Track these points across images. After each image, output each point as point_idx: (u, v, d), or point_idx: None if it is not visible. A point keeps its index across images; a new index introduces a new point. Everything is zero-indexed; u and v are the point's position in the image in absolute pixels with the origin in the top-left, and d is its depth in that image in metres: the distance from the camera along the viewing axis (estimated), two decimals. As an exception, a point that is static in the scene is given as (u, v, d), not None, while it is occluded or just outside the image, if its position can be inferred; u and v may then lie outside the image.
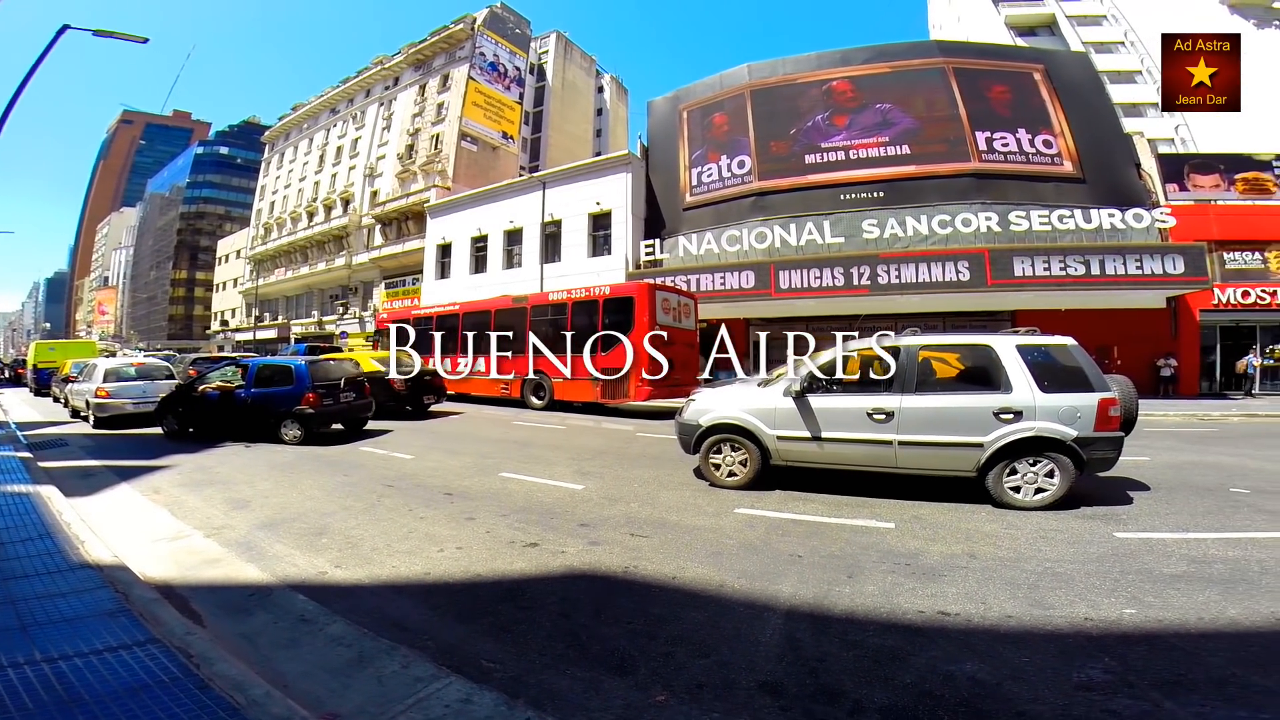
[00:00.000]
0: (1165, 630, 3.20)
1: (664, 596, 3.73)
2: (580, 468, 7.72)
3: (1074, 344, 5.73)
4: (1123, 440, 5.61)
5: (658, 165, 25.65)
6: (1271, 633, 3.15)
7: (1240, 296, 20.06)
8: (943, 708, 2.52)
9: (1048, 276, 17.22)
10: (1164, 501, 5.88)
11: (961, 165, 20.64)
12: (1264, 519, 5.23)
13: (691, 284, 19.92)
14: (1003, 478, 5.54)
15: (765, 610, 3.49)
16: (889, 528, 5.05)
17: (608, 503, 5.97)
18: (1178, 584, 3.78)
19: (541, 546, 4.65)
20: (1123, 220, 18.31)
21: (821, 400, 6.04)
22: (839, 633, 3.21)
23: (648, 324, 13.33)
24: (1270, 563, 4.10)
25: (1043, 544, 4.61)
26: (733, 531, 4.98)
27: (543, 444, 9.80)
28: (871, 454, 5.87)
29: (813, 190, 21.91)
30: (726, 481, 6.43)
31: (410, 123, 40.55)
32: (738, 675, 2.81)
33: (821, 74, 23.16)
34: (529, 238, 27.50)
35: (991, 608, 3.48)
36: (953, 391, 5.82)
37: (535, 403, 15.31)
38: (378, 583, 4.00)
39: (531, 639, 3.19)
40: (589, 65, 54.85)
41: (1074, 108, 21.16)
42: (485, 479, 7.08)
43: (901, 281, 18.19)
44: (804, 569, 4.12)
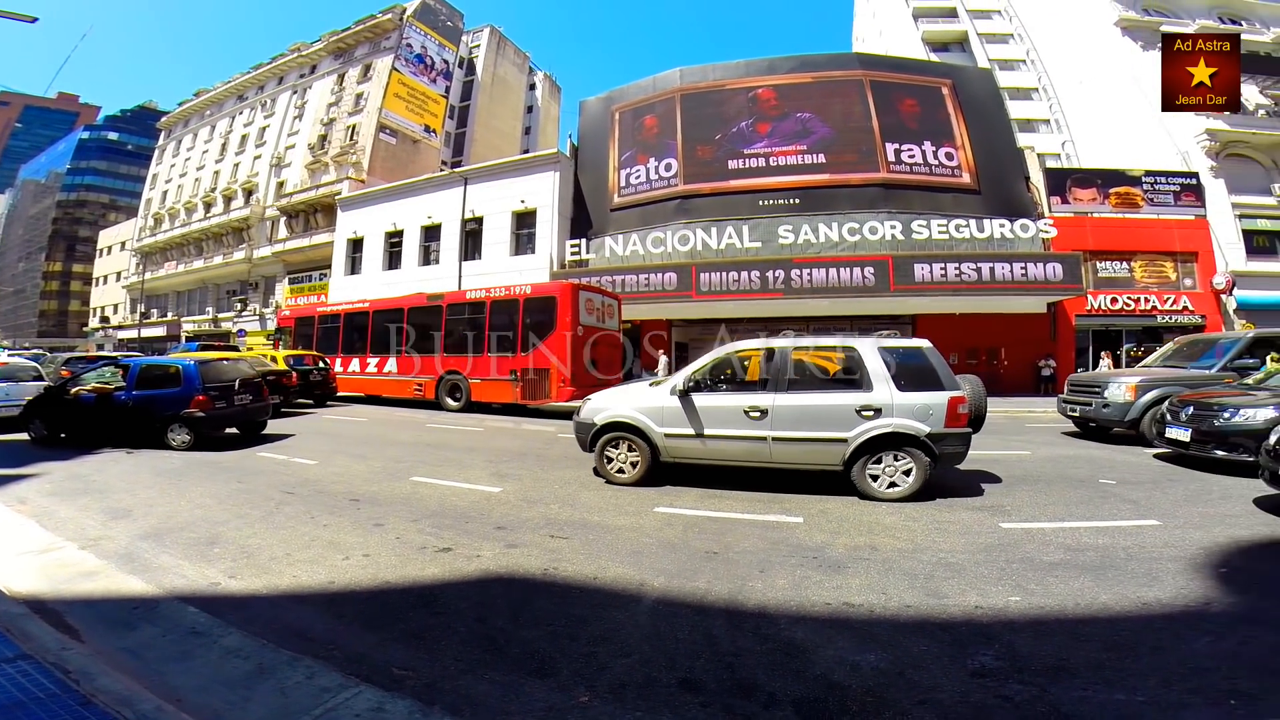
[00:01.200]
0: (1047, 616, 3.42)
1: (585, 597, 3.70)
2: (498, 470, 7.55)
3: (929, 346, 6.19)
4: (970, 436, 6.06)
5: (587, 165, 25.55)
6: (1138, 616, 3.41)
7: (1110, 303, 22.01)
8: (850, 698, 2.60)
9: (944, 282, 18.35)
10: (1043, 493, 6.34)
11: (871, 175, 21.66)
12: (1128, 508, 5.71)
13: (617, 284, 19.95)
14: (865, 471, 5.90)
15: (684, 607, 3.53)
16: (798, 522, 5.22)
17: (526, 505, 5.86)
18: (1056, 571, 4.05)
19: (455, 551, 4.51)
20: (1011, 230, 19.84)
21: (704, 399, 6.31)
22: (752, 627, 3.28)
23: (570, 324, 13.22)
24: (1134, 549, 4.48)
25: (937, 535, 4.88)
26: (652, 530, 5.01)
27: (458, 446, 9.53)
28: (749, 450, 6.17)
29: (734, 195, 22.42)
30: (619, 478, 6.59)
31: (325, 112, 38.68)
32: (659, 673, 2.82)
33: (749, 81, 23.77)
34: (448, 234, 26.70)
35: (892, 598, 3.63)
36: (821, 390, 6.17)
37: (451, 404, 14.89)
38: (277, 593, 3.78)
39: (446, 645, 3.10)
40: (522, 62, 54.03)
41: (975, 122, 22.63)
42: (395, 484, 6.80)
43: (813, 285, 18.89)
44: (720, 565, 4.19)
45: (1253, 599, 3.64)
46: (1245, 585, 3.85)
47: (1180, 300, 21.95)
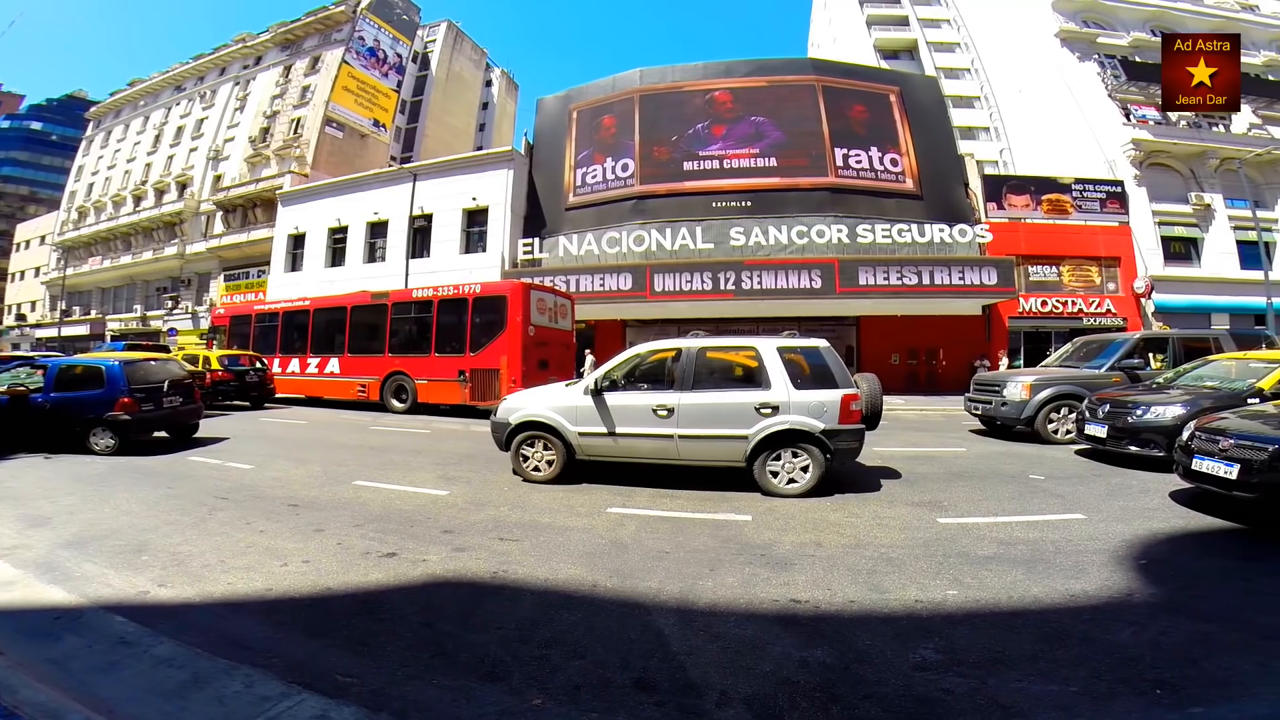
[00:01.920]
0: (982, 610, 3.54)
1: (536, 599, 3.67)
2: (445, 473, 7.41)
3: (825, 346, 6.43)
4: (863, 432, 6.33)
5: (542, 164, 25.35)
6: (1068, 608, 3.56)
7: (1040, 305, 23.16)
8: (800, 694, 2.64)
9: (887, 285, 18.94)
10: (977, 489, 6.60)
11: (820, 180, 22.19)
12: (1056, 502, 6.00)
13: (571, 284, 19.85)
14: (766, 467, 6.09)
15: (637, 608, 3.53)
16: (747, 520, 5.30)
17: (475, 508, 5.77)
18: (990, 565, 4.21)
19: (400, 556, 4.40)
20: (950, 235, 20.61)
21: (616, 398, 6.44)
22: (703, 626, 3.30)
23: (521, 324, 13.07)
24: (1062, 542, 4.69)
25: (878, 531, 5.02)
26: (605, 531, 5.01)
27: (404, 449, 9.31)
28: (658, 447, 6.34)
29: (689, 196, 22.63)
30: (535, 476, 6.69)
31: (269, 104, 37.28)
32: (613, 674, 2.81)
33: (707, 83, 24.02)
34: (395, 231, 26.06)
35: (837, 594, 3.71)
36: (724, 389, 6.35)
37: (397, 406, 14.53)
38: (211, 601, 3.65)
39: (392, 651, 3.03)
40: (479, 58, 53.22)
41: (920, 129, 23.42)
42: (337, 488, 6.60)
43: (763, 287, 19.21)
44: (671, 565, 4.21)
45: (1171, 589, 3.83)
46: (1163, 576, 4.05)
47: (1104, 303, 23.23)
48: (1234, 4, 30.62)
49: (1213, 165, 25.71)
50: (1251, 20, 29.95)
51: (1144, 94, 26.37)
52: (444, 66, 48.30)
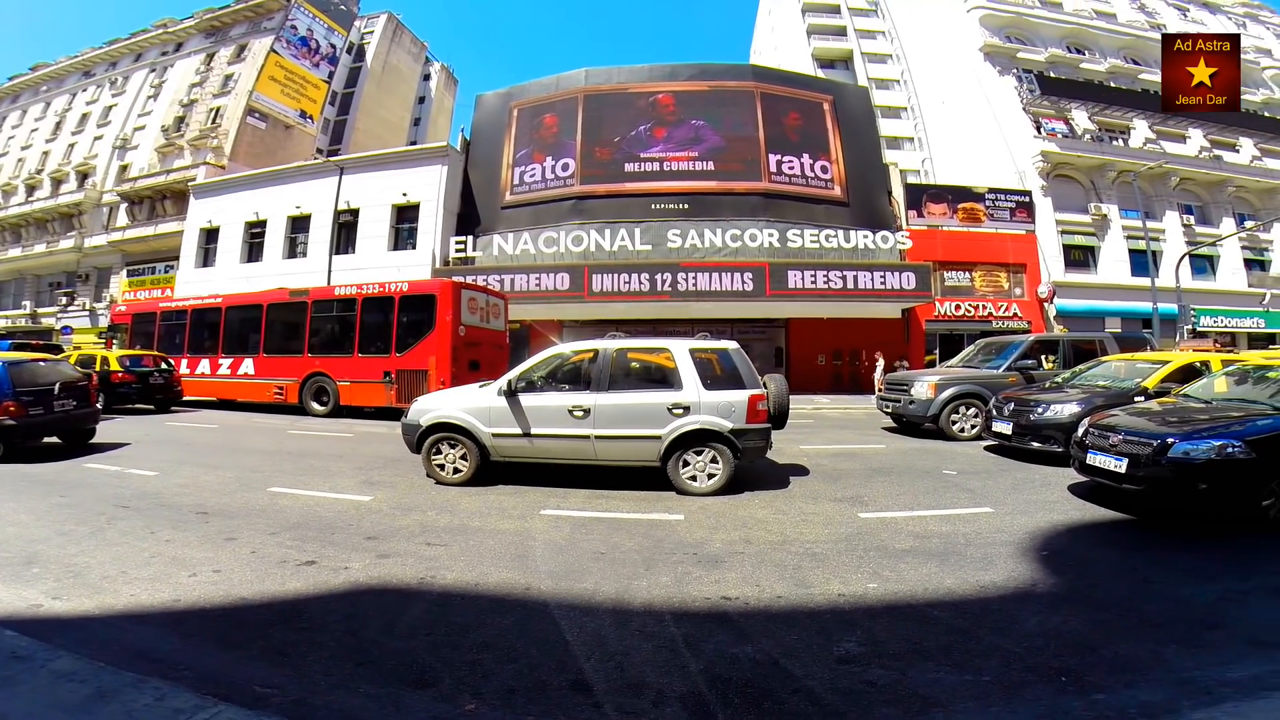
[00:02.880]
0: (901, 602, 3.67)
1: (467, 604, 3.60)
2: (368, 478, 7.15)
3: (735, 347, 6.64)
4: (770, 431, 6.52)
5: (479, 161, 24.84)
6: (978, 599, 3.75)
7: (954, 309, 24.42)
8: (732, 690, 2.69)
9: (814, 288, 19.66)
10: (895, 484, 6.92)
11: (754, 185, 22.70)
12: (967, 496, 6.34)
13: (505, 284, 19.57)
14: (679, 466, 6.24)
15: (572, 609, 3.52)
16: (680, 519, 5.37)
17: (400, 513, 5.60)
18: (907, 558, 4.40)
19: (320, 564, 4.23)
20: (873, 241, 21.52)
21: (531, 399, 6.46)
22: (639, 625, 3.32)
23: (451, 323, 12.75)
24: (972, 535, 4.96)
25: (804, 526, 5.19)
26: (539, 533, 4.96)
27: (324, 454, 8.93)
28: (574, 448, 6.39)
29: (629, 198, 22.67)
30: (449, 478, 6.61)
31: (186, 93, 35.14)
32: (549, 676, 2.80)
33: (651, 86, 24.12)
34: (318, 226, 24.94)
35: (765, 590, 3.80)
36: (639, 389, 6.48)
37: (317, 409, 13.89)
38: (112, 613, 3.43)
39: (314, 660, 2.92)
40: (418, 51, 51.66)
41: (849, 137, 24.27)
42: (250, 495, 6.27)
43: (698, 289, 19.56)
44: (607, 565, 4.22)
45: (1069, 579, 4.09)
46: (1062, 567, 4.31)
47: (1012, 307, 24.72)
48: (1144, 23, 33.20)
49: (1110, 178, 27.87)
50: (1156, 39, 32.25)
51: (1055, 108, 28.35)
52: (380, 59, 46.72)
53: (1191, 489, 5.02)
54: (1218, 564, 4.36)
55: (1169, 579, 4.07)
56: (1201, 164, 29.07)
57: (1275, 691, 2.64)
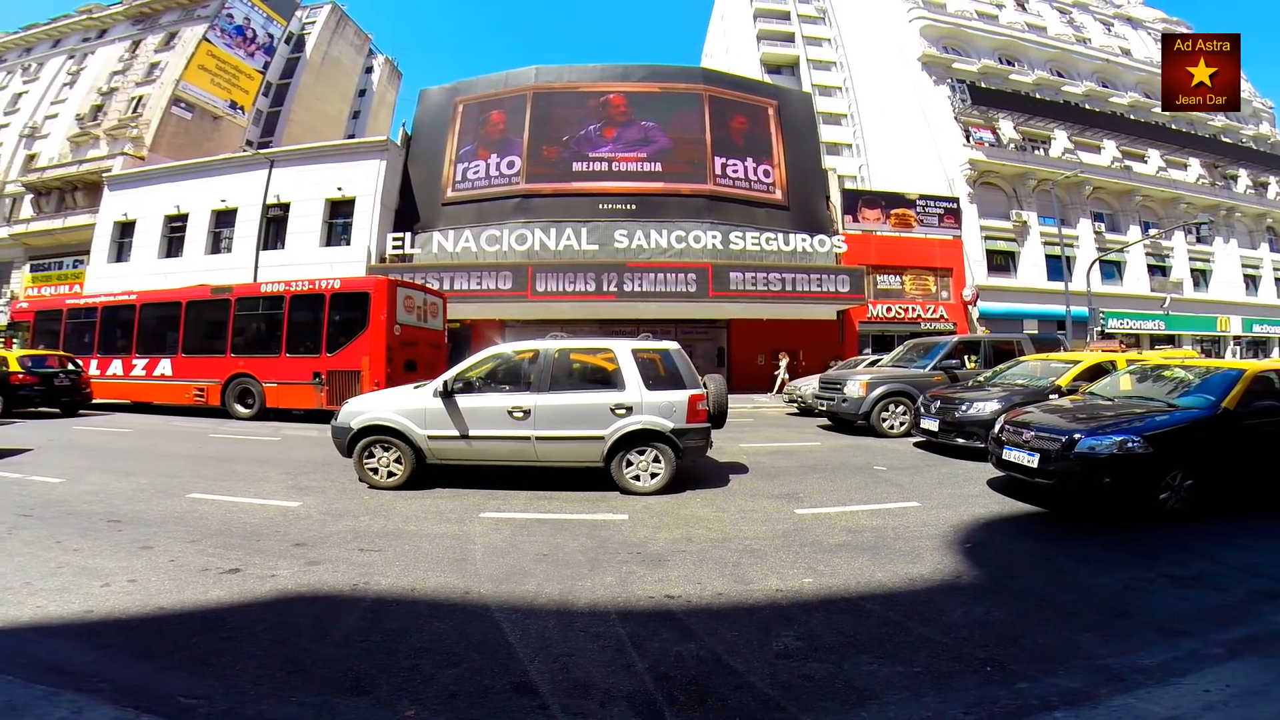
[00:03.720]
0: (835, 595, 3.78)
1: (403, 610, 3.53)
2: (297, 483, 6.87)
3: (675, 348, 6.74)
4: (709, 430, 6.62)
5: (420, 156, 24.21)
6: (908, 591, 3.90)
7: (885, 311, 25.32)
8: (677, 687, 2.72)
9: (755, 290, 20.11)
10: (829, 480, 7.16)
11: (699, 187, 22.97)
12: (896, 491, 6.62)
13: (445, 282, 19.14)
14: (623, 466, 6.29)
15: (515, 611, 3.49)
16: (624, 519, 5.40)
17: (331, 519, 5.41)
18: (840, 553, 4.55)
19: (245, 572, 4.07)
20: (811, 245, 22.15)
21: (469, 400, 6.35)
22: (584, 626, 3.32)
23: (386, 322, 12.36)
24: (901, 529, 5.17)
25: (743, 524, 5.31)
26: (478, 536, 4.89)
27: (249, 458, 8.53)
28: (515, 449, 6.33)
29: (575, 197, 22.55)
30: (384, 482, 6.44)
31: (107, 81, 33.05)
32: (492, 680, 2.76)
33: (602, 86, 24.04)
34: (245, 220, 23.75)
35: (707, 587, 3.87)
36: (581, 390, 6.49)
37: (241, 411, 13.22)
38: (17, 626, 3.23)
39: (242, 669, 2.82)
40: (362, 43, 49.78)
41: (791, 142, 24.84)
42: (168, 501, 5.94)
43: (643, 290, 19.65)
44: (550, 566, 4.21)
45: (991, 571, 4.29)
46: (985, 559, 4.52)
47: (939, 309, 25.85)
48: (1071, 37, 35.12)
49: (1031, 186, 29.48)
50: (1081, 52, 34.55)
51: (983, 117, 29.72)
52: (321, 50, 44.82)
53: (1097, 482, 5.34)
54: (1124, 554, 4.62)
55: (1081, 569, 4.31)
56: (1113, 174, 31.09)
57: (1183, 678, 2.81)
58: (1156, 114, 33.68)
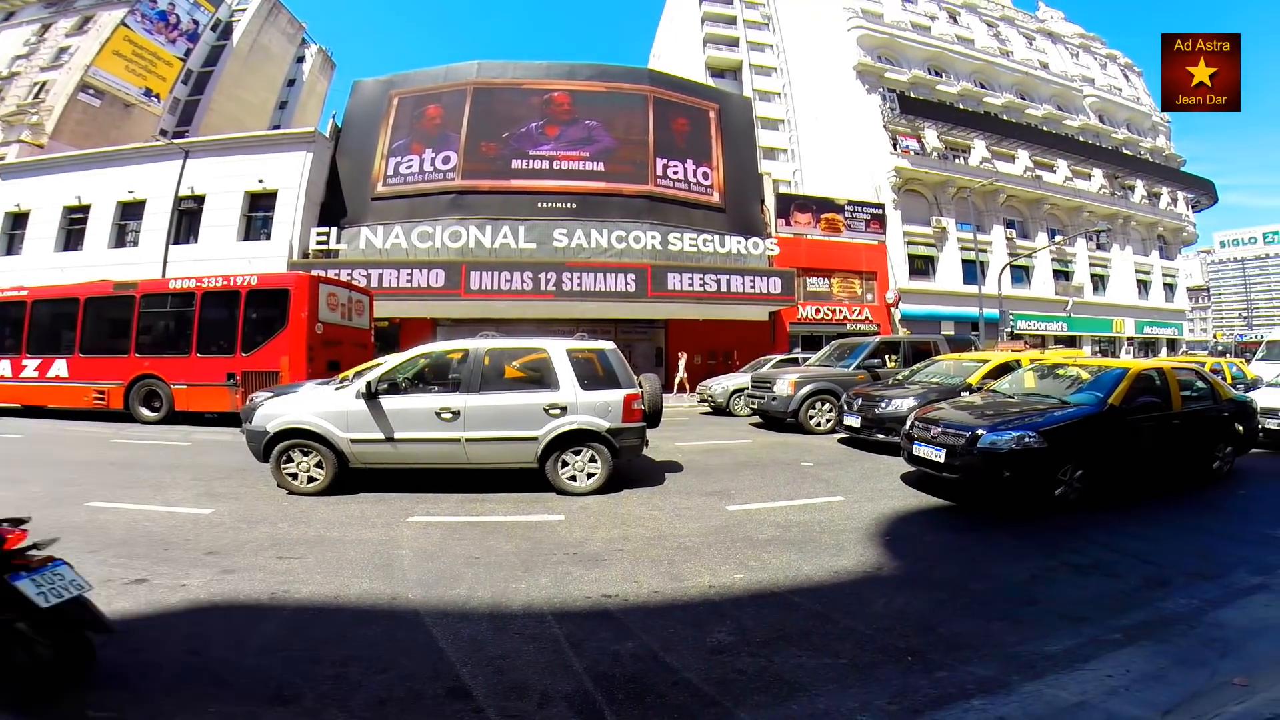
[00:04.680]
0: (765, 590, 3.88)
1: (326, 617, 3.44)
2: (209, 489, 6.53)
3: (611, 348, 6.75)
4: (644, 430, 6.66)
5: (349, 149, 23.35)
6: (833, 584, 4.04)
7: (814, 313, 26.14)
8: (616, 686, 2.75)
9: (692, 291, 20.47)
10: (760, 476, 7.34)
11: (641, 187, 23.11)
12: (822, 486, 6.85)
13: (373, 279, 18.58)
14: (558, 467, 6.26)
15: (446, 616, 3.45)
16: (559, 520, 5.40)
17: (247, 526, 5.18)
18: (769, 548, 4.68)
19: (152, 582, 3.87)
20: (746, 247, 22.69)
21: (394, 402, 6.17)
22: (519, 628, 3.31)
23: (307, 320, 11.84)
24: (826, 523, 5.36)
25: (677, 521, 5.40)
26: (406, 541, 4.79)
27: (155, 464, 8.02)
28: (443, 452, 6.20)
29: (514, 195, 22.27)
30: (305, 488, 6.18)
31: (8, 65, 31.00)
32: (424, 685, 2.73)
33: (547, 83, 23.79)
34: (155, 213, 22.30)
35: (643, 586, 3.92)
36: (513, 390, 6.40)
37: (147, 415, 12.37)
38: None
39: (154, 681, 2.72)
40: (295, 32, 47.69)
41: (730, 146, 25.30)
42: (64, 510, 5.52)
43: (582, 289, 19.66)
44: (482, 570, 4.16)
45: (910, 562, 4.49)
46: (904, 551, 4.73)
47: (864, 311, 26.86)
48: (995, 49, 37.03)
49: (951, 193, 31.10)
50: (1004, 65, 36.54)
51: (910, 126, 31.09)
52: (250, 37, 42.72)
53: (998, 476, 5.60)
54: (1030, 544, 4.90)
55: (991, 558, 4.57)
56: (1025, 183, 33.19)
57: (1086, 664, 3.01)
58: (1067, 125, 36.33)
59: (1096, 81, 40.13)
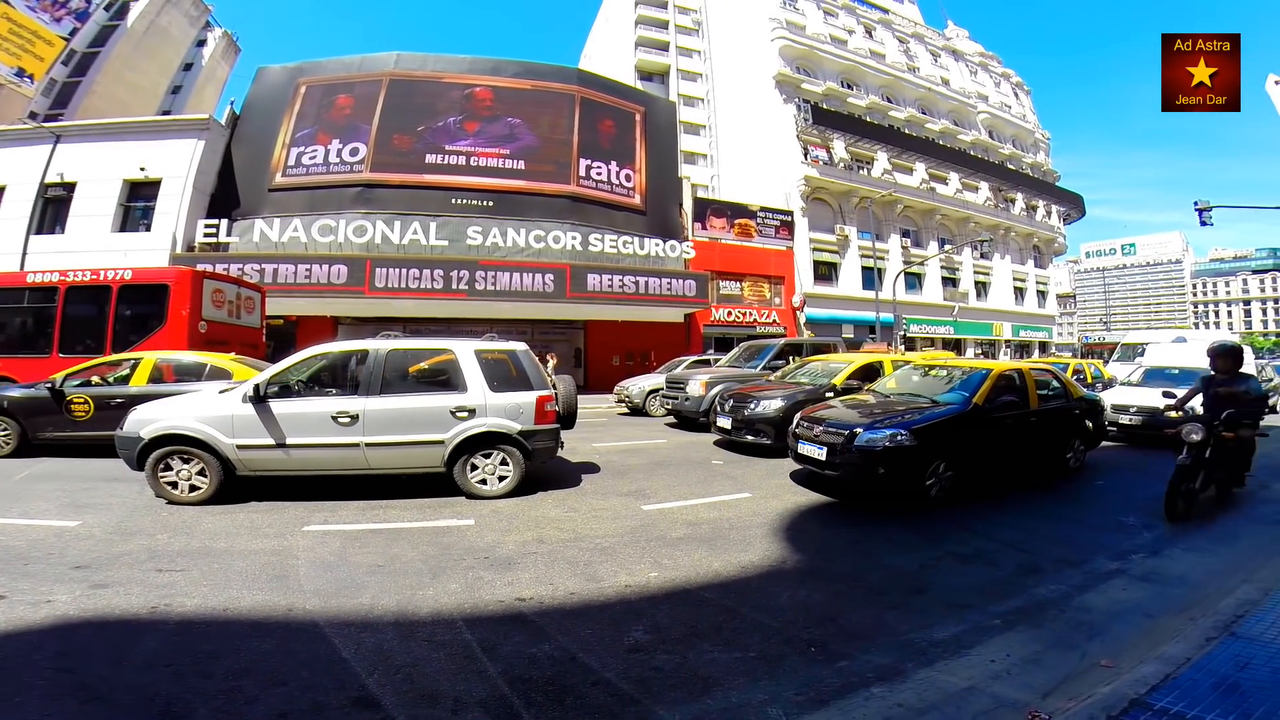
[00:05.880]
0: (678, 588, 3.98)
1: (216, 631, 3.29)
2: (75, 500, 6.00)
3: (522, 349, 6.69)
4: (559, 431, 6.66)
5: (247, 137, 21.79)
6: (741, 579, 4.17)
7: (727, 315, 26.77)
8: (534, 689, 2.76)
9: (611, 292, 20.56)
10: (673, 476, 7.51)
11: (563, 187, 22.93)
12: (731, 484, 7.08)
13: (267, 274, 17.52)
14: (467, 471, 6.16)
15: (347, 626, 3.36)
16: (469, 524, 5.32)
17: (120, 538, 4.81)
18: (682, 546, 4.82)
19: (11, 599, 3.59)
20: (664, 250, 23.00)
21: (285, 405, 5.89)
22: (428, 635, 3.26)
23: (188, 318, 10.95)
24: (734, 520, 5.55)
25: (594, 522, 5.46)
26: (302, 551, 4.59)
27: (10, 474, 7.26)
28: (342, 457, 5.96)
29: (426, 190, 21.52)
30: (186, 497, 5.82)
31: None
32: (326, 696, 2.66)
33: (470, 78, 23.10)
34: (15, 201, 19.94)
35: (559, 588, 3.95)
36: (417, 392, 6.23)
37: None
38: None
39: (23, 702, 2.55)
40: (199, 14, 44.34)
41: (654, 149, 25.56)
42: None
43: (498, 289, 19.27)
44: (386, 578, 4.06)
45: (811, 555, 4.72)
46: (806, 544, 4.97)
47: (773, 315, 27.83)
48: (903, 65, 38.89)
49: (854, 202, 32.74)
50: (909, 80, 38.40)
51: (821, 137, 32.40)
52: (147, 18, 39.24)
53: (874, 472, 5.83)
54: (918, 535, 5.24)
55: (885, 550, 4.85)
56: (921, 194, 35.43)
57: (971, 649, 3.24)
58: (961, 140, 39.07)
59: (990, 99, 43.29)
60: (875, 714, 2.64)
